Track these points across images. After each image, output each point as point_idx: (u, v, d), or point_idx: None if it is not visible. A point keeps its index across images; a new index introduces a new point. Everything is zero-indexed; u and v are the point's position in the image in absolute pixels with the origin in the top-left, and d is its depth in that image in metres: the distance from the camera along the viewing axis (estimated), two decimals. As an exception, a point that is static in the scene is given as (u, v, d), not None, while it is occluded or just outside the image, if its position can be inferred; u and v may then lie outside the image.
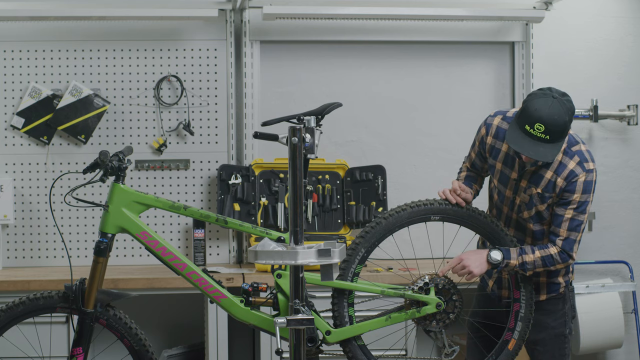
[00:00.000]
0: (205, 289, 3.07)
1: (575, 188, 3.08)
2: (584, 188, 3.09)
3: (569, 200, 3.09)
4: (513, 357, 3.19)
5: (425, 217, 3.14)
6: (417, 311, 3.08)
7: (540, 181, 3.14)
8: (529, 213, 3.19)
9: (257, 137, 2.97)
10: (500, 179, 3.26)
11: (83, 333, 3.11)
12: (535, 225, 3.21)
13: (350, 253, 3.08)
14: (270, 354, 4.11)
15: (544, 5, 4.76)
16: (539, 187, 3.14)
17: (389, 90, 4.85)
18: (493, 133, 3.25)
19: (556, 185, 3.11)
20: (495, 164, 3.26)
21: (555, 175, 3.11)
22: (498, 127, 3.24)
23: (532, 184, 3.15)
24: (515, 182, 3.20)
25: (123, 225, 3.07)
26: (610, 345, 4.80)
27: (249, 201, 4.58)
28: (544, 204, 3.14)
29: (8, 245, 4.60)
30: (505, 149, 3.21)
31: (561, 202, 3.11)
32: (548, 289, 3.28)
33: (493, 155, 3.26)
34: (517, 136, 3.00)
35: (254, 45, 4.71)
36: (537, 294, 3.27)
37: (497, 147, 3.24)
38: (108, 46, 4.64)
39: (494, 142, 3.25)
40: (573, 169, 3.10)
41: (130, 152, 3.23)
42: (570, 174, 3.10)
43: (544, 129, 2.95)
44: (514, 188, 3.21)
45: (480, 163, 3.37)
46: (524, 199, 3.18)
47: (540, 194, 3.14)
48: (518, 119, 3.02)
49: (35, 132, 4.58)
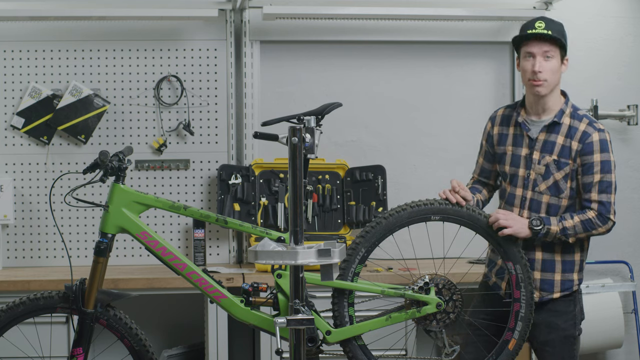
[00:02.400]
0: (206, 289, 3.06)
1: (592, 149, 3.17)
2: (601, 147, 3.17)
3: (591, 162, 3.17)
4: (513, 357, 3.19)
5: (425, 217, 3.14)
6: (418, 311, 3.08)
7: (554, 148, 3.22)
8: (546, 184, 3.23)
9: (257, 137, 2.97)
10: (512, 162, 3.32)
11: (83, 333, 3.11)
12: (552, 199, 3.24)
13: (350, 253, 3.08)
14: (270, 354, 4.11)
15: (544, 5, 4.76)
16: (554, 154, 3.22)
17: (389, 90, 4.85)
18: (499, 122, 3.39)
19: (572, 150, 3.19)
20: (505, 149, 3.34)
21: (569, 140, 3.20)
22: (503, 115, 3.40)
23: (545, 153, 3.23)
24: (527, 157, 3.27)
25: (123, 225, 3.07)
26: (610, 345, 4.80)
27: (249, 201, 4.58)
28: (561, 170, 3.20)
29: (8, 245, 4.60)
30: (512, 131, 3.33)
31: (585, 170, 3.18)
32: (562, 286, 3.28)
33: (502, 142, 3.35)
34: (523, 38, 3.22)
35: (254, 45, 4.71)
36: (551, 292, 3.27)
37: (505, 133, 3.36)
38: (108, 46, 4.64)
39: (500, 130, 3.38)
40: (585, 129, 3.19)
41: (130, 152, 3.23)
42: (583, 135, 3.18)
43: (545, 25, 3.19)
44: (527, 164, 3.28)
45: (489, 166, 3.46)
46: (539, 170, 3.24)
47: (556, 160, 3.21)
48: (520, 32, 3.25)
49: (35, 132, 4.58)
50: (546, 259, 3.26)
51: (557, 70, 3.25)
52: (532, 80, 3.22)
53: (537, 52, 3.21)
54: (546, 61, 3.21)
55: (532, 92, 3.25)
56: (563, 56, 3.27)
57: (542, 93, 3.23)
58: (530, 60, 3.23)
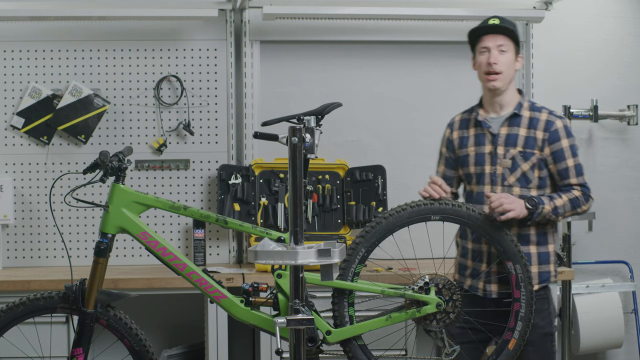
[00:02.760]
0: (206, 289, 3.06)
1: (559, 135, 3.29)
2: (566, 133, 3.31)
3: (561, 149, 3.29)
4: (513, 357, 3.19)
5: (425, 216, 3.14)
6: (418, 311, 3.08)
7: (517, 140, 3.31)
8: (514, 176, 3.31)
9: (257, 137, 2.97)
10: (476, 161, 3.38)
11: (83, 333, 3.11)
12: (522, 190, 3.30)
13: (350, 253, 3.08)
14: (270, 354, 4.10)
15: (544, 5, 4.76)
16: (518, 146, 3.30)
17: (389, 90, 4.85)
18: (457, 127, 3.49)
19: (537, 140, 3.29)
20: (468, 151, 3.41)
21: (532, 130, 3.31)
22: (461, 119, 3.50)
23: (509, 147, 3.31)
24: (492, 153, 3.34)
25: (123, 225, 3.07)
26: (610, 345, 4.80)
27: (249, 201, 4.58)
28: (528, 161, 3.29)
29: (8, 245, 4.60)
30: (473, 132, 3.41)
31: (557, 157, 3.30)
32: (540, 277, 3.34)
33: (463, 144, 3.42)
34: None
35: (254, 45, 4.71)
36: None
37: (465, 135, 3.44)
38: (108, 46, 4.64)
39: (461, 133, 3.46)
40: (547, 119, 3.32)
41: (130, 152, 3.23)
42: (547, 124, 3.31)
43: (499, 21, 3.34)
44: (492, 160, 3.34)
45: (451, 172, 3.52)
46: (506, 164, 3.31)
47: (522, 151, 3.30)
48: (476, 29, 3.39)
49: (35, 132, 4.58)
50: (524, 252, 3.28)
51: (512, 64, 3.35)
52: (487, 75, 3.32)
53: (492, 46, 3.32)
54: (501, 55, 3.32)
55: (488, 86, 3.35)
56: (517, 52, 3.38)
57: (498, 86, 3.33)
58: (486, 54, 3.34)
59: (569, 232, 4.69)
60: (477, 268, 3.37)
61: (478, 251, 3.37)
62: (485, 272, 3.34)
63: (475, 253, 3.38)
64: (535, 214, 3.20)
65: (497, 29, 3.34)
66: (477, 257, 3.37)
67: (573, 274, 4.34)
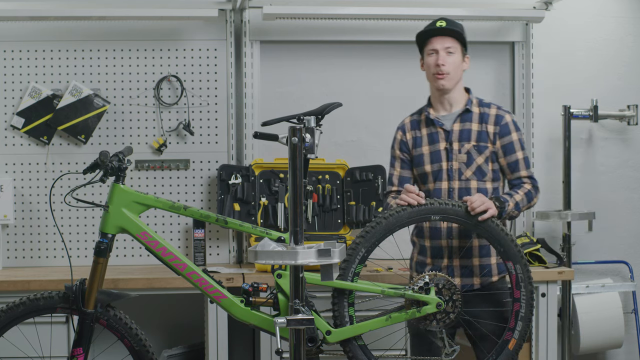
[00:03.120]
0: (206, 289, 3.07)
1: (509, 128, 3.42)
2: (515, 127, 3.44)
3: (511, 142, 3.41)
4: (513, 357, 3.19)
5: (425, 216, 3.15)
6: (418, 311, 3.08)
7: (470, 135, 3.41)
8: (471, 170, 3.39)
9: (257, 137, 2.98)
10: (432, 159, 3.45)
11: (83, 333, 3.11)
12: (479, 183, 3.39)
13: (350, 253, 3.08)
14: (270, 354, 4.10)
15: (544, 5, 4.76)
16: (472, 140, 3.40)
17: (389, 90, 4.85)
18: (409, 128, 3.55)
19: (489, 133, 3.41)
20: (422, 150, 3.47)
21: (484, 124, 3.42)
22: (411, 121, 3.57)
23: (463, 142, 3.41)
24: (447, 149, 3.41)
25: (123, 225, 3.07)
26: (610, 345, 4.80)
27: (249, 201, 4.58)
28: (482, 154, 3.39)
29: (8, 245, 4.60)
30: (426, 132, 3.49)
31: (507, 150, 3.41)
32: (498, 269, 3.40)
33: (417, 144, 3.49)
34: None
35: (254, 45, 4.71)
36: (490, 276, 3.38)
37: (418, 135, 3.51)
38: (108, 46, 4.64)
39: (413, 134, 3.53)
40: (497, 113, 3.44)
41: (130, 152, 3.23)
42: (497, 118, 3.43)
43: (446, 24, 3.43)
44: (448, 156, 3.42)
45: (408, 173, 3.55)
46: (462, 159, 3.39)
47: (476, 145, 3.40)
48: (423, 32, 3.49)
49: (35, 132, 4.58)
50: (482, 245, 3.37)
51: (459, 65, 3.45)
52: (436, 75, 3.41)
53: (440, 48, 3.42)
54: (448, 56, 3.41)
55: (437, 85, 3.43)
56: (464, 53, 3.46)
57: (447, 86, 3.41)
58: (434, 56, 3.44)
59: (569, 232, 4.69)
60: (437, 264, 3.40)
61: (437, 247, 3.40)
62: (446, 267, 3.38)
63: (434, 250, 3.41)
64: (504, 212, 3.27)
65: (445, 31, 3.43)
66: (436, 253, 3.40)
67: (573, 274, 4.34)
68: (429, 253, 3.43)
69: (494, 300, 3.34)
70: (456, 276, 3.36)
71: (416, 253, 3.51)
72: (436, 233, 3.39)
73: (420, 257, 3.48)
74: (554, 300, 4.23)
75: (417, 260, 3.50)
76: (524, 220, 4.84)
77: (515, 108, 4.86)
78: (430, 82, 3.49)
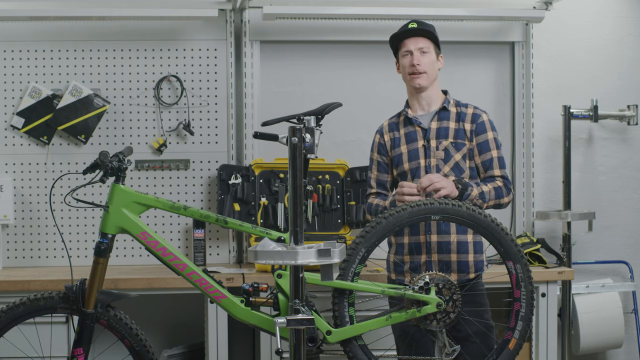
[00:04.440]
0: (206, 289, 3.07)
1: (485, 127, 3.49)
2: (491, 126, 3.52)
3: (486, 140, 3.48)
4: (514, 357, 3.19)
5: (425, 216, 3.14)
6: (418, 311, 3.08)
7: (448, 132, 3.48)
8: (449, 166, 3.44)
9: (257, 137, 2.98)
10: (410, 157, 3.50)
11: (83, 334, 3.11)
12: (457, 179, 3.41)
13: (350, 253, 3.08)
14: (270, 354, 4.11)
15: (544, 5, 4.76)
16: (449, 137, 3.47)
17: (389, 90, 4.84)
18: (387, 130, 3.61)
19: (466, 131, 3.48)
20: (401, 149, 3.53)
21: (461, 123, 3.49)
22: (389, 124, 3.63)
23: (441, 139, 3.47)
24: (425, 147, 3.47)
25: (123, 225, 3.07)
26: (610, 345, 4.80)
27: (249, 201, 4.58)
28: (460, 151, 3.44)
29: (8, 245, 4.60)
30: (404, 132, 3.55)
31: (482, 148, 3.48)
32: (476, 266, 3.44)
33: (396, 145, 3.55)
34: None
35: (254, 45, 4.71)
36: (467, 272, 3.42)
37: (397, 137, 3.57)
38: (108, 46, 4.64)
39: (392, 135, 3.59)
40: (474, 112, 3.52)
41: (130, 152, 3.23)
42: (474, 117, 3.51)
43: (417, 25, 3.51)
44: (426, 153, 3.47)
45: (385, 176, 3.61)
46: (439, 155, 3.45)
47: (454, 142, 3.47)
48: (397, 34, 3.54)
49: (35, 132, 4.58)
50: (460, 241, 3.40)
51: (434, 64, 3.53)
52: (412, 74, 3.48)
53: (414, 49, 3.50)
54: (423, 56, 3.51)
55: (414, 84, 3.50)
56: (438, 53, 3.57)
57: (423, 84, 3.49)
58: (408, 57, 3.52)
59: (569, 232, 4.69)
60: (415, 261, 3.44)
61: (415, 243, 3.43)
62: (424, 263, 3.41)
63: (412, 246, 3.45)
64: (465, 195, 3.31)
65: (417, 32, 3.50)
66: (414, 250, 3.44)
67: (573, 274, 4.34)
68: (405, 250, 3.47)
69: (471, 300, 3.34)
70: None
71: (392, 253, 3.54)
72: (415, 229, 3.44)
73: (396, 256, 3.50)
74: (554, 300, 4.24)
75: (393, 259, 3.52)
76: (524, 220, 4.85)
77: (515, 108, 4.87)
78: (407, 82, 3.56)
